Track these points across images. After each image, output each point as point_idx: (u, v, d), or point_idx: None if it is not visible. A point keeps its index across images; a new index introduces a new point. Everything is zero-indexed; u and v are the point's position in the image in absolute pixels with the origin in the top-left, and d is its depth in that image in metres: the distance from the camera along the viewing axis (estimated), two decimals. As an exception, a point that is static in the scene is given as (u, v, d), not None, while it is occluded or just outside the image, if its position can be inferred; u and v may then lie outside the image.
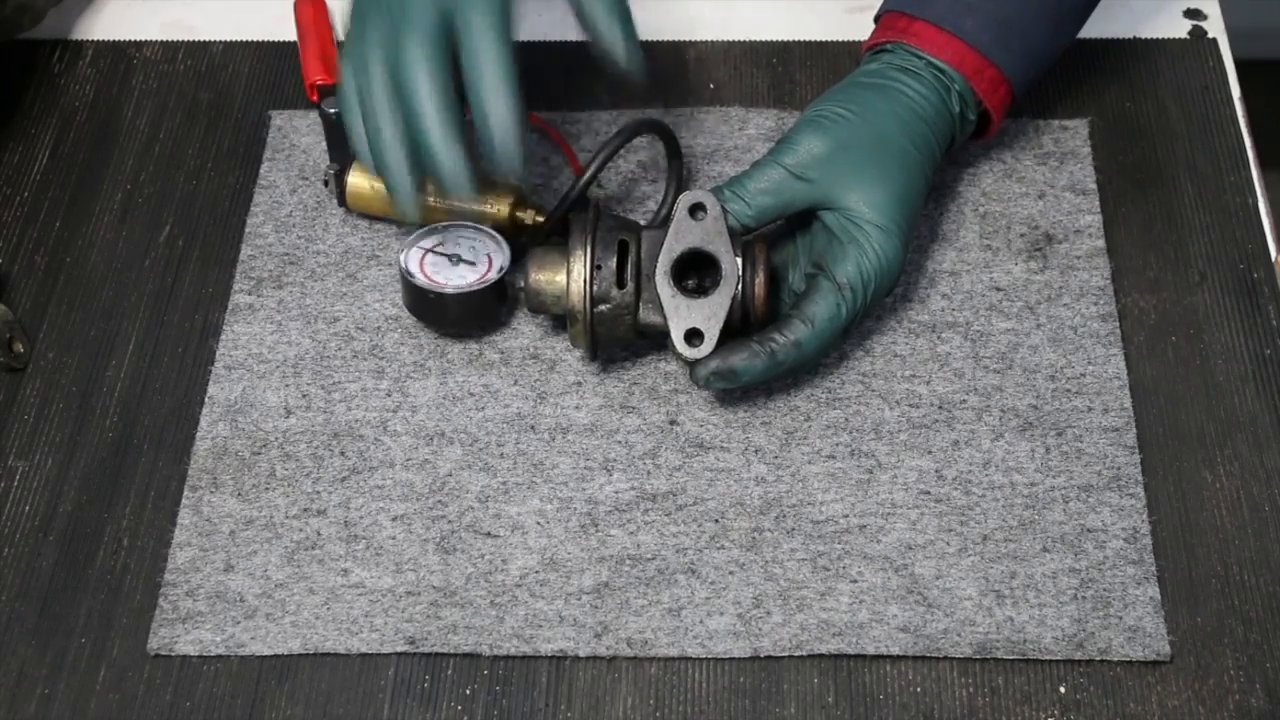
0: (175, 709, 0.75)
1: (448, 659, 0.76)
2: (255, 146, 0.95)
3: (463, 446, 0.82)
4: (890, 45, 0.86)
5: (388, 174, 0.79)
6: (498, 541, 0.79)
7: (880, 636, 0.76)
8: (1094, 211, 0.90)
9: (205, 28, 1.01)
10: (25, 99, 0.98)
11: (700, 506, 0.80)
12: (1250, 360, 0.85)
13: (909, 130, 0.83)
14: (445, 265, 0.84)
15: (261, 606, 0.78)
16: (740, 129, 0.94)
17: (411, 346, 0.86)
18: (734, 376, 0.80)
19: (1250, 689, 0.75)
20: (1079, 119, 0.94)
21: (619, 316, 0.81)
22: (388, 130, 0.78)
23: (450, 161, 0.77)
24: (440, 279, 0.83)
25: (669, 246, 0.80)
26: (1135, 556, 0.78)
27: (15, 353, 0.86)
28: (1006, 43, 0.84)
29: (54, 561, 0.80)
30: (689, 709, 0.75)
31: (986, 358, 0.85)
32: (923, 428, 0.83)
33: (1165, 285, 0.88)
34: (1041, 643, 0.76)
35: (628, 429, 0.83)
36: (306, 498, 0.81)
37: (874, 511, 0.80)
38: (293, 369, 0.85)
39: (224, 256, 0.90)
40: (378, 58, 0.78)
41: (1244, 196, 0.91)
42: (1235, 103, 0.95)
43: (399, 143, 0.78)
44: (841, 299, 0.80)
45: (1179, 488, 0.81)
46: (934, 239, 0.89)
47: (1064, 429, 0.82)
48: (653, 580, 0.78)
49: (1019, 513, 0.80)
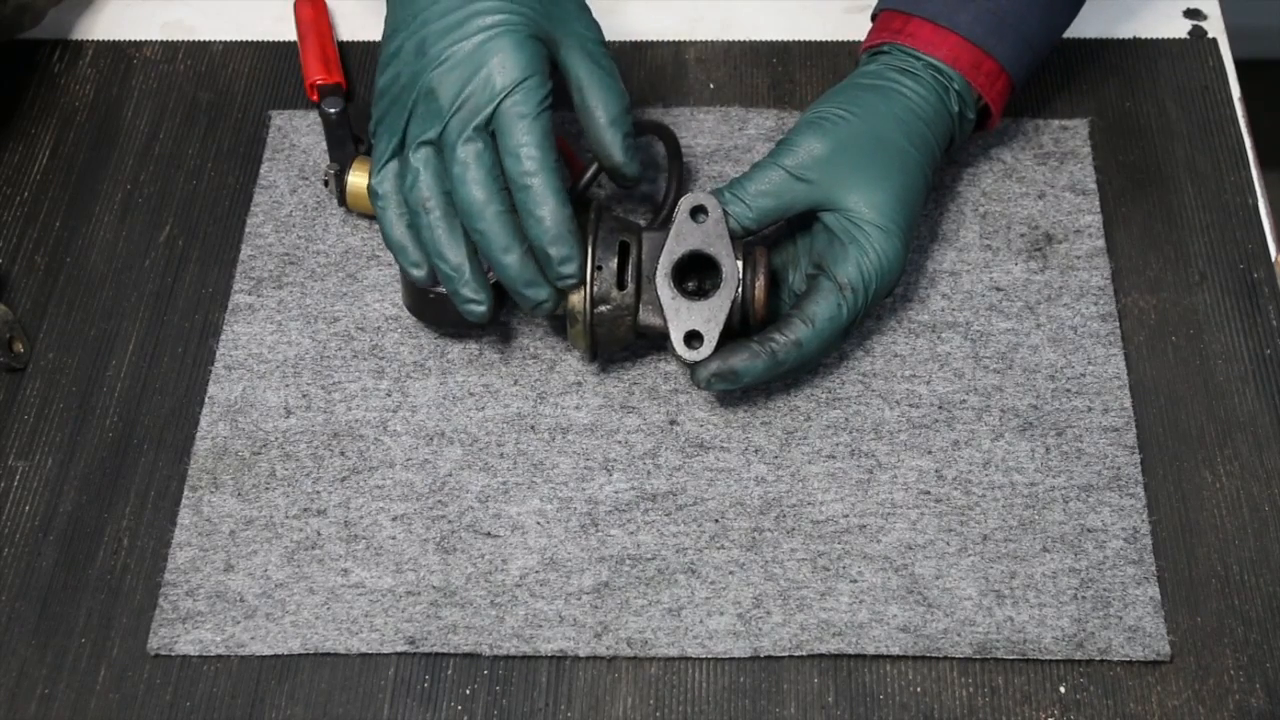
0: (175, 709, 0.75)
1: (448, 659, 0.76)
2: (255, 146, 0.95)
3: (463, 446, 0.83)
4: (887, 47, 0.86)
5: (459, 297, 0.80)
6: (498, 541, 0.80)
7: (880, 636, 0.76)
8: (1094, 211, 0.90)
9: (205, 28, 1.01)
10: (25, 99, 0.98)
11: (700, 506, 0.80)
12: (1250, 360, 0.85)
13: (908, 130, 0.83)
14: (445, 265, 0.84)
15: (261, 606, 0.78)
16: (740, 129, 0.94)
17: (411, 346, 0.86)
18: (735, 377, 0.80)
19: (1250, 689, 0.75)
20: (1079, 119, 0.94)
21: (619, 318, 0.81)
22: (454, 256, 0.79)
23: (527, 286, 0.79)
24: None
25: (669, 248, 0.80)
26: (1135, 556, 0.78)
27: (15, 353, 0.86)
28: (1001, 34, 0.85)
29: (54, 561, 0.80)
30: (689, 709, 0.75)
31: (986, 358, 0.85)
32: (923, 428, 0.83)
33: (1165, 285, 0.88)
34: (1041, 643, 0.76)
35: (628, 429, 0.83)
36: (306, 498, 0.81)
37: (874, 511, 0.80)
38: (293, 369, 0.85)
39: (224, 256, 0.90)
40: (428, 181, 0.79)
41: (1244, 196, 0.91)
42: (1235, 103, 0.95)
43: (468, 260, 0.79)
44: (842, 299, 0.80)
45: (1179, 488, 0.81)
46: (934, 239, 0.89)
47: (1064, 429, 0.82)
48: (653, 580, 0.78)
49: (1019, 513, 0.80)
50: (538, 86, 0.78)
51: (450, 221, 0.79)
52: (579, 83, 0.80)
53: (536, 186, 0.77)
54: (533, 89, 0.77)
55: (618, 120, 0.80)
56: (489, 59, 0.77)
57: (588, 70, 0.80)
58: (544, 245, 0.78)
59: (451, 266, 0.79)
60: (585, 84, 0.80)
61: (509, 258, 0.78)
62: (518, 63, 0.77)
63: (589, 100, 0.80)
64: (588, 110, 0.80)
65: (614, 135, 0.80)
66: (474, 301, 0.79)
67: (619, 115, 0.80)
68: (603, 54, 0.81)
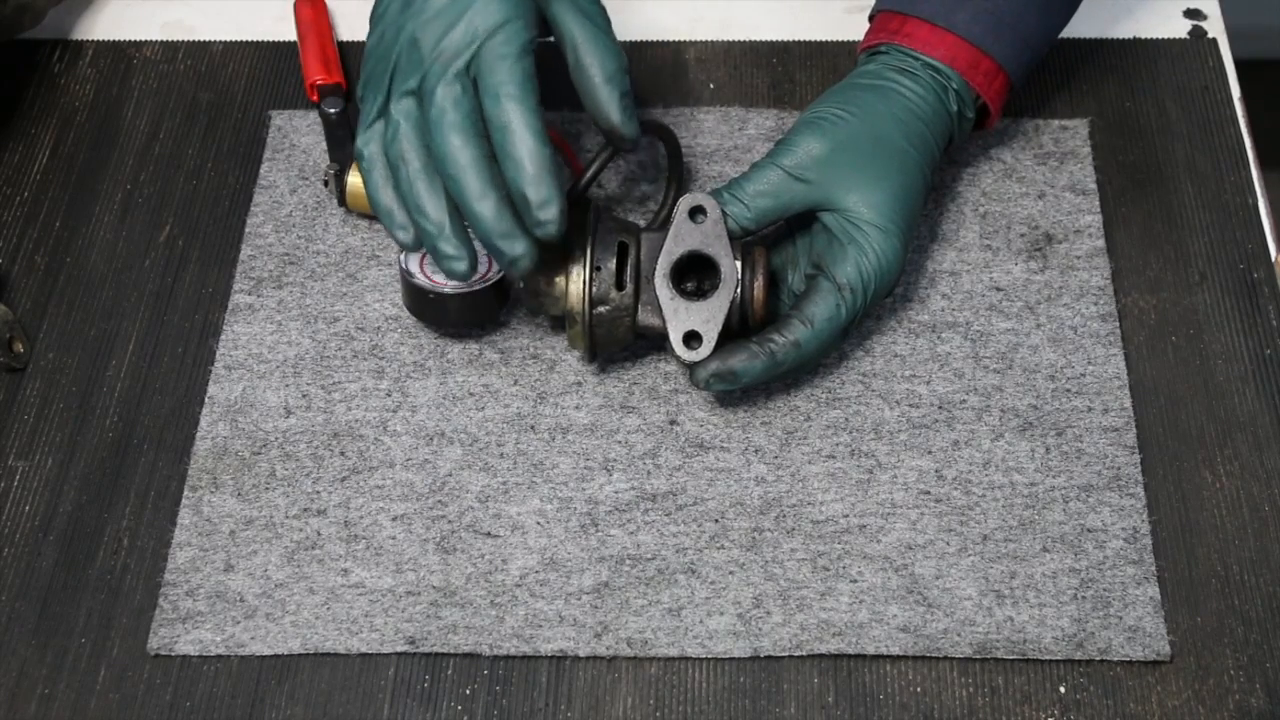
0: (175, 709, 0.75)
1: (448, 659, 0.76)
2: (255, 146, 0.95)
3: (463, 446, 0.83)
4: (885, 47, 0.86)
5: (440, 255, 0.77)
6: (498, 541, 0.80)
7: (880, 636, 0.76)
8: (1094, 211, 0.90)
9: (205, 28, 1.01)
10: (25, 99, 0.98)
11: (700, 506, 0.80)
12: (1250, 360, 0.85)
13: (907, 130, 0.83)
14: (445, 265, 0.84)
15: (261, 606, 0.78)
16: (740, 129, 0.94)
17: (411, 346, 0.86)
18: (734, 378, 0.80)
19: (1250, 689, 0.75)
20: (1079, 119, 0.94)
21: (618, 318, 0.81)
22: (434, 211, 0.76)
23: (507, 242, 0.75)
24: (440, 279, 0.83)
25: (668, 249, 0.80)
26: (1135, 556, 0.78)
27: (15, 353, 0.86)
28: (999, 33, 0.85)
29: (54, 561, 0.80)
30: (689, 709, 0.75)
31: (986, 358, 0.85)
32: (923, 428, 0.83)
33: (1165, 285, 0.88)
34: (1041, 643, 0.76)
35: (628, 429, 0.83)
36: (306, 498, 0.81)
37: (874, 511, 0.80)
38: (293, 369, 0.85)
39: (224, 256, 0.90)
40: (407, 132, 0.76)
41: (1244, 196, 0.91)
42: (1235, 103, 0.95)
43: (448, 216, 0.76)
44: (841, 300, 0.80)
45: (1179, 488, 0.81)
46: (934, 239, 0.89)
47: (1064, 429, 0.82)
48: (653, 580, 0.78)
49: (1019, 513, 0.80)
50: (521, 30, 0.75)
51: (430, 175, 0.75)
52: (571, 39, 0.77)
53: (515, 126, 0.74)
54: (515, 31, 0.75)
55: (614, 78, 0.77)
56: (472, 4, 0.75)
57: (580, 25, 0.77)
58: (521, 188, 0.74)
59: (431, 221, 0.75)
60: (578, 40, 0.77)
61: (483, 205, 0.74)
62: (500, 7, 0.75)
63: (582, 58, 0.77)
64: (582, 69, 0.77)
65: (610, 93, 0.77)
66: (453, 258, 0.76)
67: (615, 72, 0.77)
68: (596, 10, 0.78)
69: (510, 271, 0.77)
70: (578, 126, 0.94)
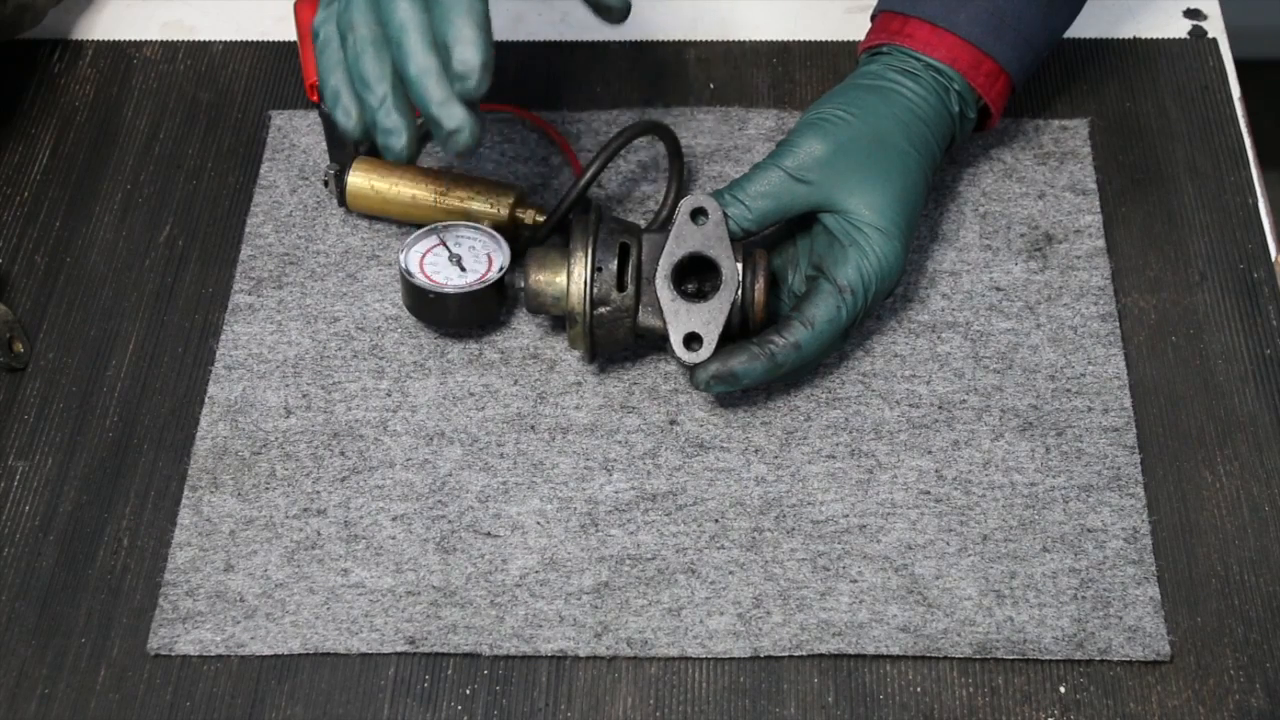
0: (175, 709, 0.75)
1: (448, 659, 0.76)
2: (255, 146, 0.95)
3: (463, 446, 0.83)
4: (886, 47, 0.86)
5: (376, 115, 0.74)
6: (498, 541, 0.80)
7: (880, 636, 0.76)
8: (1094, 211, 0.90)
9: (205, 28, 1.01)
10: (25, 99, 0.98)
11: (700, 506, 0.80)
12: (1250, 360, 0.85)
13: (908, 131, 0.83)
14: (445, 265, 0.84)
15: (261, 606, 0.78)
16: (740, 129, 0.94)
17: (411, 346, 0.86)
18: (734, 379, 0.80)
19: (1250, 689, 0.75)
20: (1079, 119, 0.94)
21: (618, 319, 0.81)
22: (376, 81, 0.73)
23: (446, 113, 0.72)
24: (440, 279, 0.83)
25: (669, 250, 0.80)
26: (1135, 556, 0.78)
27: (15, 353, 0.86)
28: (1000, 34, 0.85)
29: (54, 561, 0.80)
30: (689, 709, 0.75)
31: (986, 358, 0.85)
32: (923, 428, 0.83)
33: (1165, 285, 0.88)
34: (1041, 643, 0.76)
35: (628, 429, 0.83)
36: (306, 498, 0.81)
37: (874, 511, 0.80)
38: (293, 369, 0.85)
39: (224, 256, 0.90)
40: (360, 4, 0.73)
41: (1244, 196, 0.91)
42: (1235, 103, 0.95)
43: (391, 89, 0.73)
44: (841, 301, 0.80)
45: (1179, 488, 0.81)
46: (934, 239, 0.89)
47: (1064, 429, 0.82)
48: (653, 580, 0.78)
49: (1019, 513, 0.80)
50: None
51: (379, 46, 0.73)
52: None
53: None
54: None
55: None
56: None
57: None
58: (449, 42, 0.71)
59: (373, 93, 0.73)
60: None
61: (424, 72, 0.71)
62: None
63: None
64: None
65: None
66: (391, 133, 0.73)
67: None
68: None
69: (450, 151, 0.74)
70: (578, 126, 0.94)
